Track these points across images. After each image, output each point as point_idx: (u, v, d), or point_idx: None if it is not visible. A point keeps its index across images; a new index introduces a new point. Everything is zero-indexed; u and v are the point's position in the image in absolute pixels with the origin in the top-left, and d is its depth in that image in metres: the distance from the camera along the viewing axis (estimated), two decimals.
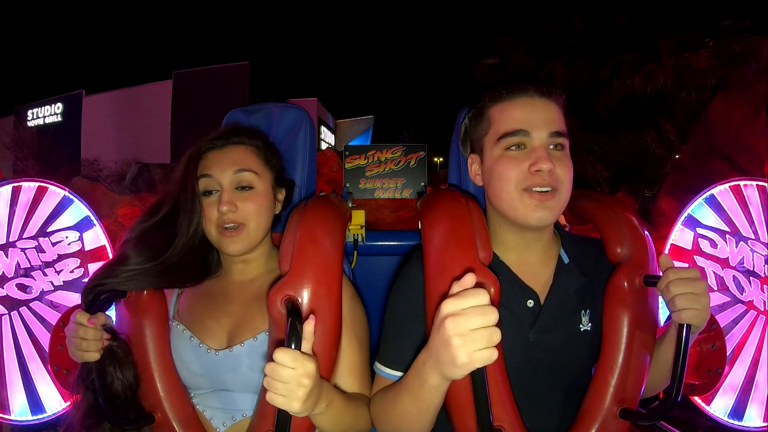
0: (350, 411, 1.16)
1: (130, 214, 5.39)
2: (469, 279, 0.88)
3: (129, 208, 5.41)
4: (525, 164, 1.15)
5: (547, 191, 1.14)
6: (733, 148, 4.85)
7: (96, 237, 2.07)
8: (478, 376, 0.91)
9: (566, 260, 1.26)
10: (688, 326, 1.06)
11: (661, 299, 1.25)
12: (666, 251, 2.30)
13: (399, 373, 1.18)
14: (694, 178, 5.02)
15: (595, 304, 1.22)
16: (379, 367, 1.23)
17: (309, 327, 1.00)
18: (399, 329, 1.23)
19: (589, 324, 1.22)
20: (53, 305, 2.03)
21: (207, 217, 1.27)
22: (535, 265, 1.26)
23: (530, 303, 1.21)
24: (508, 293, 1.19)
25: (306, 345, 0.99)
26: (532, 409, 1.18)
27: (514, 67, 9.03)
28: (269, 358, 1.16)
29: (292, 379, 0.95)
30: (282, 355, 0.95)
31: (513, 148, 1.17)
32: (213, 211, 1.26)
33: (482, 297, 0.86)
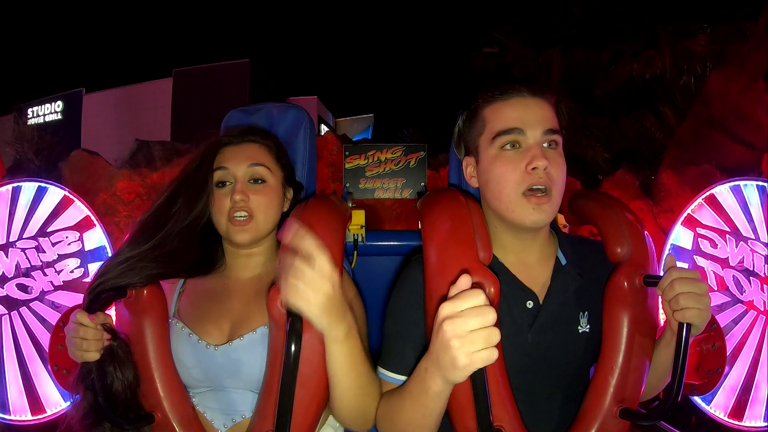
0: (367, 366, 1.15)
1: (128, 188, 5.37)
2: (465, 281, 0.88)
3: (127, 182, 5.39)
4: (521, 164, 1.15)
5: (543, 194, 1.15)
6: (731, 119, 4.89)
7: (96, 237, 2.07)
8: (478, 377, 0.91)
9: (564, 261, 1.27)
10: (688, 325, 1.06)
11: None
12: (666, 251, 2.30)
13: (402, 377, 1.18)
14: (693, 151, 5.07)
15: (594, 306, 1.23)
16: (382, 372, 1.23)
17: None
18: (400, 333, 1.23)
19: (588, 326, 1.23)
20: (54, 305, 2.03)
21: (218, 208, 1.30)
22: (533, 266, 1.26)
23: (529, 304, 1.21)
24: (507, 294, 1.19)
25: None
26: (532, 411, 1.18)
27: (513, 56, 9.07)
28: (269, 354, 1.16)
29: (313, 279, 0.94)
30: (320, 255, 0.94)
31: (508, 146, 1.18)
32: (226, 201, 1.30)
33: (479, 298, 0.86)
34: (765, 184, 2.31)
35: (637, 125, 7.95)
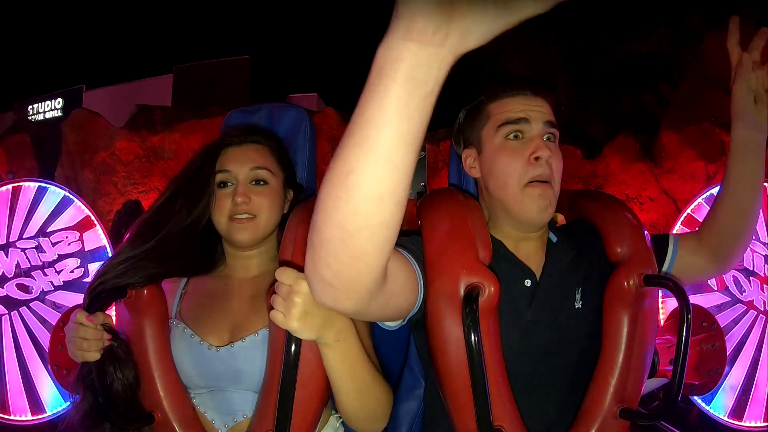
0: (367, 368, 1.15)
1: (128, 148, 5.40)
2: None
3: (127, 143, 5.41)
4: (525, 154, 1.19)
5: (545, 183, 1.19)
6: (729, 76, 4.99)
7: (96, 237, 2.07)
8: (478, 376, 0.91)
9: (555, 240, 1.30)
10: (689, 326, 1.08)
11: (660, 300, 1.26)
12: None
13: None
14: (693, 110, 5.18)
15: (587, 282, 1.25)
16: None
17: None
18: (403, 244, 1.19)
19: (581, 301, 1.24)
20: (54, 305, 2.03)
21: (219, 207, 1.30)
22: (530, 249, 1.29)
23: (528, 282, 1.23)
24: (507, 274, 1.21)
25: None
26: (534, 396, 1.19)
27: (510, 39, 9.20)
28: (269, 354, 1.16)
29: (288, 296, 0.97)
30: (282, 273, 0.98)
31: (511, 136, 1.22)
32: (227, 201, 1.29)
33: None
34: (765, 184, 2.31)
35: (635, 102, 8.04)
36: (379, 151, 0.61)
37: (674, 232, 2.35)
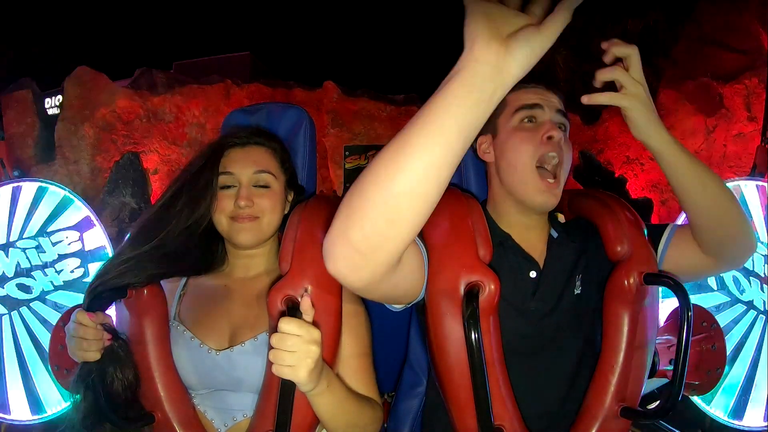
0: (352, 401, 1.17)
1: (129, 107, 5.42)
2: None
3: (128, 102, 5.43)
4: (538, 135, 1.24)
5: (553, 181, 1.22)
6: (723, 32, 5.11)
7: (96, 237, 2.07)
8: (478, 375, 0.91)
9: (555, 235, 1.33)
10: (690, 324, 1.09)
11: (661, 298, 1.26)
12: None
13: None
14: (689, 67, 5.29)
15: (587, 272, 1.28)
16: None
17: (306, 302, 1.04)
18: None
19: (580, 288, 1.26)
20: (55, 306, 2.04)
21: (221, 208, 1.30)
22: (534, 240, 1.31)
23: (532, 274, 1.25)
24: (513, 264, 1.25)
25: (307, 319, 1.03)
26: (535, 391, 1.19)
27: None
28: (269, 357, 1.16)
29: (299, 347, 0.98)
30: (287, 323, 0.98)
31: (526, 121, 1.27)
32: (229, 203, 1.30)
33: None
34: (765, 184, 2.31)
35: None
36: (444, 129, 0.71)
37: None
